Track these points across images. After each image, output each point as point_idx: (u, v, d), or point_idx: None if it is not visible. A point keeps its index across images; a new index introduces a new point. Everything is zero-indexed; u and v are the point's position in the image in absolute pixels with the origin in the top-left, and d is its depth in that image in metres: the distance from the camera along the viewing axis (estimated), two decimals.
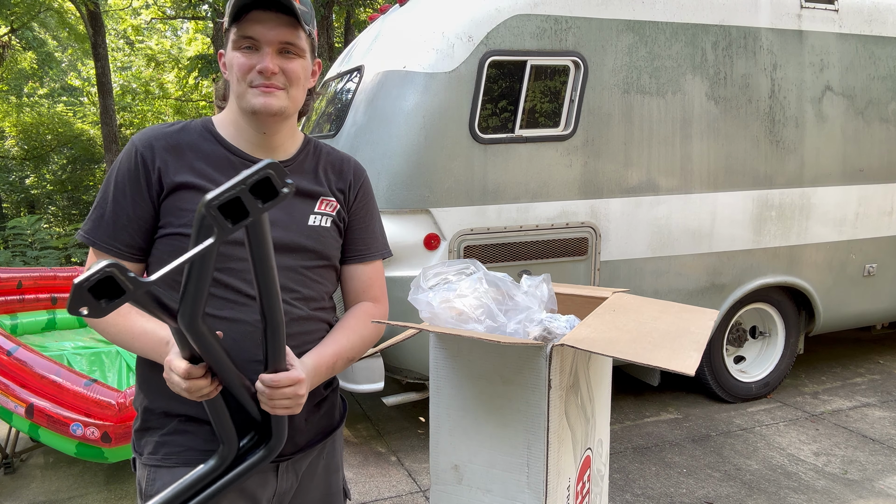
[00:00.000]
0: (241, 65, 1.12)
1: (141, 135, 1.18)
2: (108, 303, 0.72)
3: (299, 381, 1.04)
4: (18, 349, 2.87)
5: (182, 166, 1.15)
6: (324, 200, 1.26)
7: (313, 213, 1.24)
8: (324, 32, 12.90)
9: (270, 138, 1.20)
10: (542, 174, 3.22)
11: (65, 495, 2.98)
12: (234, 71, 1.13)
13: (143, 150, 1.14)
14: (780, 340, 4.05)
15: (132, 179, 1.14)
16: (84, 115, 17.61)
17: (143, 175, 1.13)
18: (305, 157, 1.28)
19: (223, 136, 1.19)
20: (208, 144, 1.18)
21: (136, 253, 1.16)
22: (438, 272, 1.48)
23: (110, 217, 1.14)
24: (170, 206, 1.13)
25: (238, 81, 1.13)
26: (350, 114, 3.40)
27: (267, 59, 1.11)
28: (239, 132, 1.19)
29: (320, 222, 1.25)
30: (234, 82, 1.14)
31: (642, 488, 2.99)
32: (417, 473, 3.16)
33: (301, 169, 1.26)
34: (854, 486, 2.98)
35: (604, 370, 1.64)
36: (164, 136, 1.17)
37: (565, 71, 3.24)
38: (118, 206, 1.14)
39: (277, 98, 1.13)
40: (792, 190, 3.76)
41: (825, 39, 3.74)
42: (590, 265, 3.36)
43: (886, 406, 3.90)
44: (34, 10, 10.42)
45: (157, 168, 1.13)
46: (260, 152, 1.20)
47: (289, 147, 1.25)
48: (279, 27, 1.11)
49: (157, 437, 1.18)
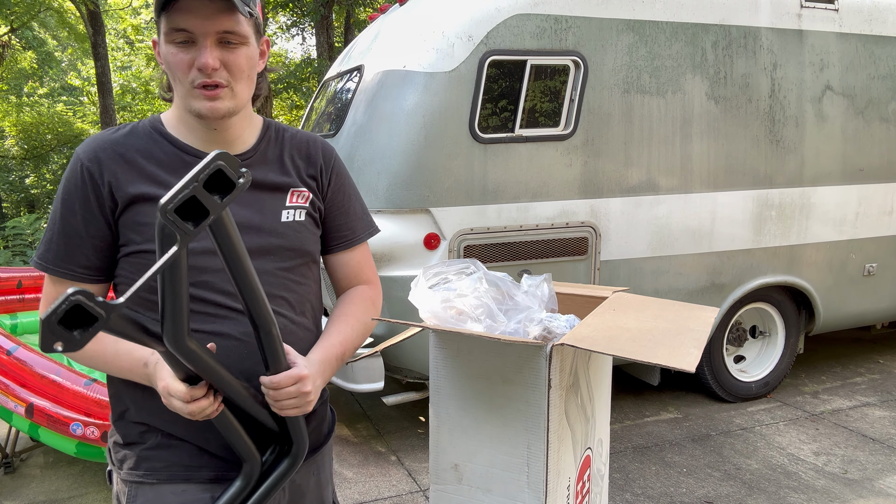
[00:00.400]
0: (179, 62, 1.00)
1: (85, 146, 1.06)
2: (83, 333, 0.66)
3: (302, 378, 1.00)
4: (18, 349, 2.87)
5: (134, 176, 1.04)
6: (294, 192, 1.16)
7: (285, 207, 1.14)
8: (324, 32, 12.89)
9: (224, 133, 1.10)
10: (542, 174, 3.22)
11: (65, 495, 2.98)
12: (172, 68, 1.01)
13: (89, 163, 1.03)
14: (780, 340, 4.05)
15: (81, 197, 1.03)
16: (84, 115, 17.63)
17: (93, 191, 1.03)
18: (267, 145, 1.17)
19: (174, 135, 1.09)
20: (159, 146, 1.08)
21: (95, 274, 1.06)
22: (438, 272, 1.48)
23: (60, 238, 1.04)
24: (128, 222, 1.04)
25: (178, 81, 1.02)
26: (350, 113, 3.40)
27: (206, 53, 0.98)
28: (190, 129, 1.09)
29: (294, 217, 1.15)
30: (174, 80, 1.03)
31: (642, 488, 2.99)
32: (417, 473, 3.16)
33: (264, 159, 1.15)
34: (854, 485, 2.98)
35: (604, 369, 1.64)
36: (111, 145, 1.05)
37: (565, 70, 3.24)
38: (68, 227, 1.04)
39: (223, 101, 1.03)
40: (792, 189, 3.76)
41: (825, 39, 3.74)
42: (590, 265, 3.36)
43: (886, 405, 3.90)
44: (34, 9, 10.41)
45: (108, 182, 1.03)
46: (216, 147, 1.08)
47: (247, 137, 1.14)
48: (215, 15, 0.97)
49: (139, 451, 1.10)
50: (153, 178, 1.05)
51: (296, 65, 14.87)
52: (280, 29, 16.60)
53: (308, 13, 13.09)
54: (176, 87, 1.05)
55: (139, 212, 1.03)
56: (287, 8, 13.90)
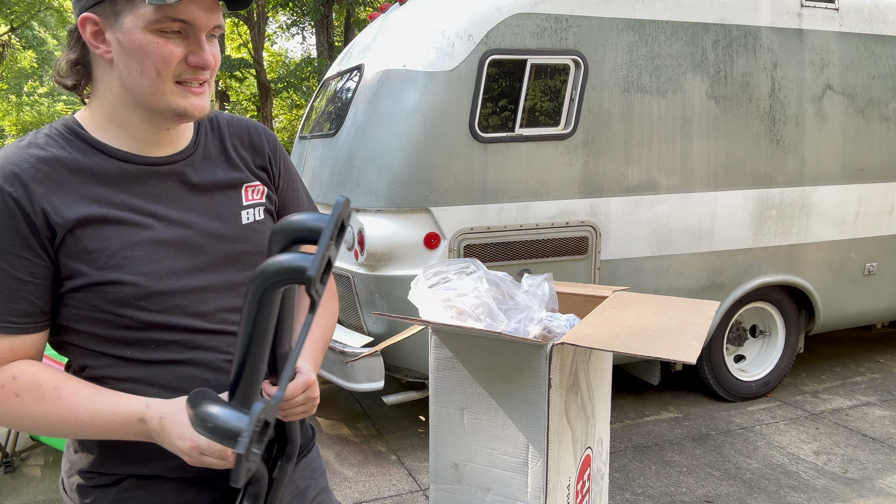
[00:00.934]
0: (167, 55, 0.85)
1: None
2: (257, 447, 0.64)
3: (311, 384, 0.94)
4: None
5: (69, 196, 0.87)
6: (248, 187, 1.04)
7: (243, 207, 1.02)
8: (324, 31, 12.89)
9: (174, 132, 0.97)
10: (543, 173, 3.22)
11: None
12: (151, 61, 0.85)
13: (11, 188, 0.84)
14: (780, 339, 4.05)
15: (9, 232, 0.83)
16: None
17: (24, 222, 0.84)
18: (206, 137, 1.03)
19: (102, 141, 0.92)
20: (87, 157, 0.90)
21: (43, 320, 0.89)
22: (439, 271, 1.48)
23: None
24: (71, 252, 0.86)
25: (154, 75, 0.86)
26: (350, 113, 3.40)
27: (206, 49, 0.88)
28: (126, 130, 0.92)
29: (254, 216, 1.03)
30: (141, 73, 0.86)
31: (642, 487, 2.99)
32: (417, 472, 3.16)
33: (208, 154, 1.01)
34: (854, 484, 2.98)
35: (604, 369, 1.64)
36: (31, 162, 0.86)
37: (565, 70, 3.24)
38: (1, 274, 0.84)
39: (206, 97, 0.92)
40: (792, 189, 3.76)
41: (825, 38, 3.74)
42: (590, 264, 3.36)
43: (886, 405, 3.90)
44: (34, 9, 10.42)
45: (41, 210, 0.84)
46: (157, 149, 0.95)
47: (187, 132, 1.00)
48: (214, 8, 0.87)
49: (113, 493, 0.96)
50: (92, 197, 0.89)
51: (296, 64, 14.87)
52: (280, 28, 16.60)
53: (308, 12, 13.09)
54: (139, 82, 0.87)
55: (86, 237, 0.87)
56: (287, 7, 13.91)
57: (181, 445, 0.83)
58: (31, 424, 0.87)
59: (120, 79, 0.88)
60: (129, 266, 0.89)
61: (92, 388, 0.89)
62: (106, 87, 0.91)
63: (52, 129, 0.92)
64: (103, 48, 0.87)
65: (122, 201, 0.90)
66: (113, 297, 0.88)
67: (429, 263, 1.79)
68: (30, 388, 0.86)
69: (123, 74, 0.88)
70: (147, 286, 0.89)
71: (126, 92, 0.89)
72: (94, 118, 0.93)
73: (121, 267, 0.88)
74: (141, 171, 0.93)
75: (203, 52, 0.88)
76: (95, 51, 0.88)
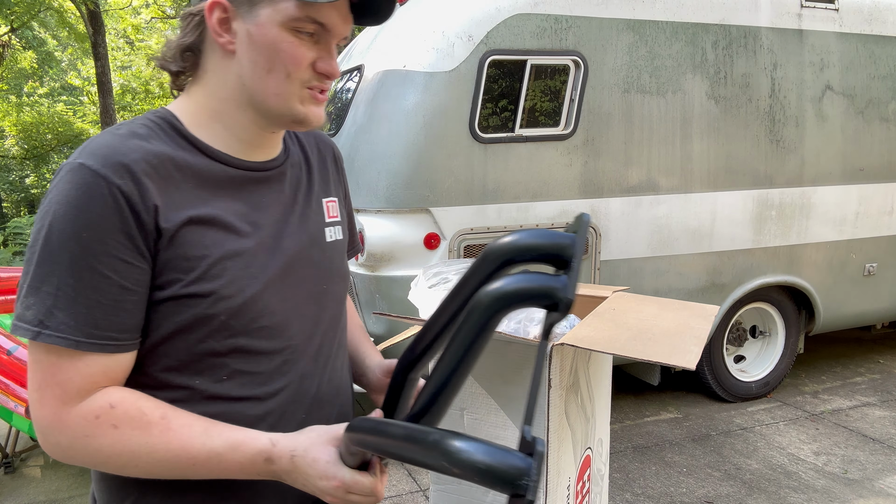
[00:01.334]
0: (299, 56, 0.78)
1: (100, 157, 0.73)
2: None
3: None
4: (18, 348, 2.87)
5: (176, 196, 0.77)
6: (328, 202, 0.96)
7: (325, 224, 0.94)
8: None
9: (275, 137, 0.89)
10: (543, 173, 3.22)
11: (65, 495, 2.98)
12: (282, 60, 0.78)
13: (120, 180, 0.72)
14: (780, 340, 4.05)
15: (115, 230, 0.72)
16: (84, 115, 17.64)
17: (133, 221, 0.73)
18: (291, 145, 0.95)
19: (202, 140, 0.82)
20: (190, 155, 0.80)
21: (140, 336, 0.77)
22: (438, 271, 1.48)
23: (90, 295, 0.71)
24: (172, 258, 0.76)
25: (284, 76, 0.79)
26: (350, 113, 3.40)
27: (335, 57, 0.82)
28: (230, 129, 0.84)
29: (334, 235, 0.95)
30: (271, 73, 0.79)
31: (642, 487, 2.99)
32: (417, 473, 3.16)
33: (294, 164, 0.93)
34: (854, 485, 2.98)
35: (604, 369, 1.64)
36: (140, 154, 0.75)
37: (565, 70, 3.24)
38: (96, 277, 0.71)
39: (324, 107, 0.85)
40: (792, 189, 3.76)
41: (825, 39, 3.74)
42: (590, 264, 3.36)
43: (886, 405, 3.90)
44: (34, 9, 10.42)
45: (153, 206, 0.74)
46: (257, 153, 0.87)
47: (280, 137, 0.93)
48: (348, 17, 0.82)
49: None
50: (197, 199, 0.79)
51: None
52: None
53: None
54: (263, 80, 0.79)
55: (186, 243, 0.76)
56: None
57: (324, 486, 0.73)
58: (130, 461, 0.73)
59: (239, 74, 0.80)
60: (226, 277, 0.78)
61: (204, 420, 0.76)
62: (218, 80, 0.82)
63: (148, 120, 0.81)
64: (227, 38, 0.79)
65: (226, 206, 0.81)
66: (203, 312, 0.77)
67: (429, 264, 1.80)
68: (132, 417, 0.73)
69: (246, 70, 0.79)
70: (241, 301, 0.79)
71: (242, 89, 0.81)
72: (194, 113, 0.83)
73: (217, 277, 0.78)
74: (242, 177, 0.84)
75: (333, 61, 0.81)
76: (218, 39, 0.79)
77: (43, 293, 0.71)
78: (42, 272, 0.71)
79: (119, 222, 0.72)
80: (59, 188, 0.72)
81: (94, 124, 16.66)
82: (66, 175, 0.72)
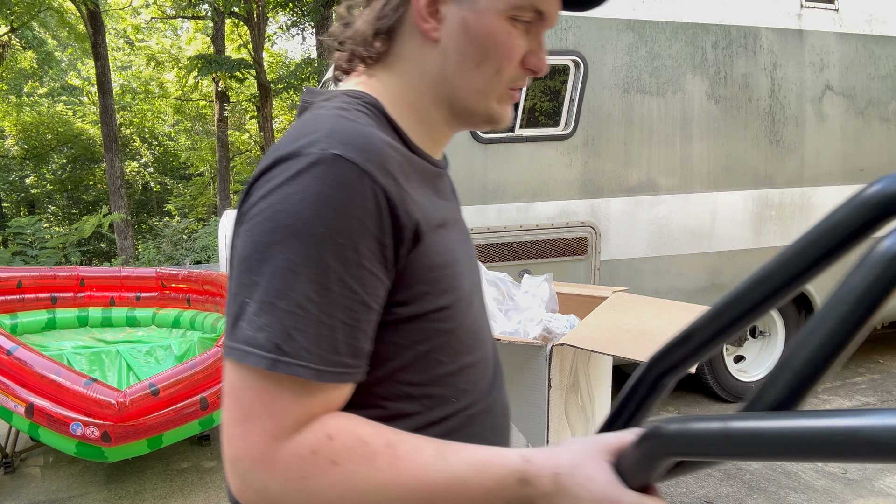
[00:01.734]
0: (514, 49, 0.69)
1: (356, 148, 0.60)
2: None
3: None
4: (18, 348, 2.87)
5: (416, 193, 0.66)
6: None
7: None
8: (324, 32, 12.89)
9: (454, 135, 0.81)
10: (542, 174, 3.22)
11: (65, 495, 2.98)
12: (496, 52, 0.68)
13: (385, 179, 0.60)
14: (779, 340, 4.05)
15: (370, 237, 0.59)
16: (84, 115, 17.64)
17: (391, 225, 0.61)
18: None
19: (408, 134, 0.71)
20: (404, 149, 0.69)
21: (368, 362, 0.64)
22: None
23: (334, 314, 0.58)
24: (417, 269, 0.64)
25: (494, 71, 0.69)
26: None
27: (545, 51, 0.72)
28: (425, 125, 0.74)
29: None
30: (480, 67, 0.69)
31: None
32: None
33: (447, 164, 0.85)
34: (854, 485, 2.98)
35: (604, 369, 1.64)
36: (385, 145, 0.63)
37: (565, 70, 3.24)
38: (346, 293, 0.58)
39: None
40: (792, 189, 3.76)
41: (825, 39, 3.74)
42: (590, 265, 3.36)
43: (886, 405, 3.90)
44: (34, 9, 10.42)
45: (406, 211, 0.62)
46: (437, 151, 0.78)
47: None
48: (560, 4, 0.72)
49: None
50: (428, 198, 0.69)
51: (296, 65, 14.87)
52: (280, 29, 16.60)
53: (308, 13, 13.10)
54: (469, 74, 0.69)
55: (431, 250, 0.65)
56: (287, 8, 13.91)
57: None
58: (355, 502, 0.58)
59: (441, 65, 0.70)
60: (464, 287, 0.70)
61: (433, 441, 0.62)
62: (415, 70, 0.71)
63: (360, 104, 0.68)
64: (432, 24, 0.69)
65: (443, 206, 0.73)
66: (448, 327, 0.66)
67: None
68: (352, 449, 0.58)
69: (450, 61, 0.69)
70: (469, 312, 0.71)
71: (443, 82, 0.70)
72: (393, 103, 0.71)
73: (457, 288, 0.68)
74: (434, 174, 0.74)
75: (544, 54, 0.71)
76: (422, 25, 0.69)
77: (280, 311, 0.56)
78: (279, 285, 0.57)
79: (376, 228, 0.59)
80: (305, 182, 0.57)
81: (93, 124, 16.65)
82: (315, 168, 0.58)
